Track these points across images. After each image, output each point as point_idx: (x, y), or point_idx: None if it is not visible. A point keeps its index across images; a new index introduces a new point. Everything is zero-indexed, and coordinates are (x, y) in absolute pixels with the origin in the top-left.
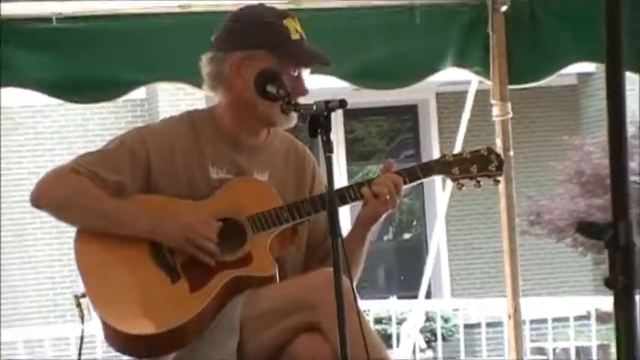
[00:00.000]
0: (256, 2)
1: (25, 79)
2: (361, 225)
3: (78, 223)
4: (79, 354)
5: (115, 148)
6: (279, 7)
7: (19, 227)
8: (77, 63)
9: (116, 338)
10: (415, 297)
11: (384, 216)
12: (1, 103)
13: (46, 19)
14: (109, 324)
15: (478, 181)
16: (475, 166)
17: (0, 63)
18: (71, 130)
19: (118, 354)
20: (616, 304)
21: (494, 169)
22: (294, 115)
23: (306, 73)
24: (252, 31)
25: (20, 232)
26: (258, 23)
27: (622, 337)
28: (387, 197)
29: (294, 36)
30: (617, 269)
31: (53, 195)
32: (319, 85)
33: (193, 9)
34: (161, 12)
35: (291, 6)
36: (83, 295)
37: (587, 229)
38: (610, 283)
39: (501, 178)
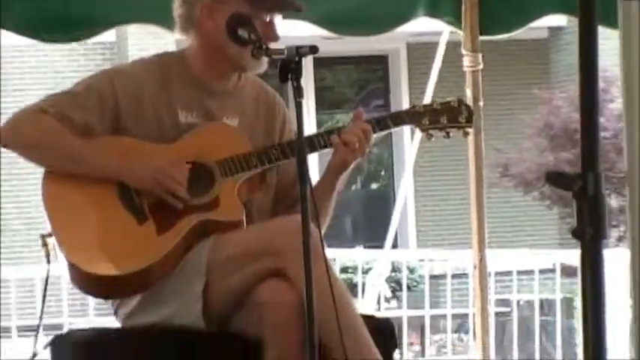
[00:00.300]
0: None
1: None
2: (331, 173)
3: (45, 164)
4: (44, 294)
5: (83, 89)
6: None
7: None
8: (47, 1)
9: (81, 279)
10: (381, 247)
11: (353, 164)
12: None
13: None
14: (75, 264)
15: (447, 132)
16: (445, 116)
17: None
18: (41, 71)
19: (83, 295)
20: (583, 254)
21: (464, 120)
22: (265, 60)
23: (278, 19)
24: None
25: None
26: None
27: (588, 288)
28: (357, 145)
29: None
30: (585, 220)
31: (20, 135)
32: (291, 34)
33: None
34: None
35: None
36: (49, 235)
37: (556, 179)
38: (578, 234)
39: (470, 130)
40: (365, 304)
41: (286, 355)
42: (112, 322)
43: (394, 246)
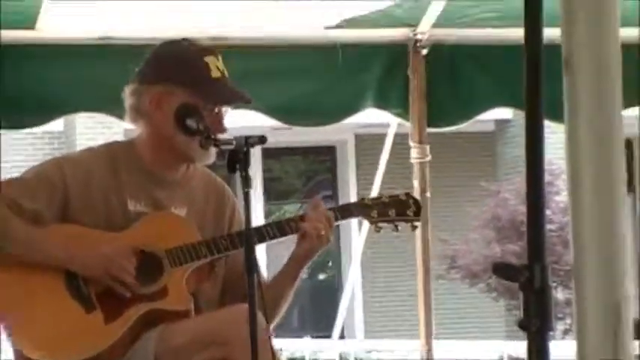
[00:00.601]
0: (180, 37)
1: None
2: (295, 262)
3: None
4: None
5: (32, 177)
6: (203, 42)
7: None
8: (3, 88)
9: None
10: (329, 337)
11: (316, 254)
12: None
13: None
14: (22, 351)
15: (396, 225)
16: (394, 210)
17: None
18: None
19: None
20: (530, 346)
21: (412, 214)
22: (214, 151)
23: (225, 111)
24: (172, 67)
25: None
26: (178, 59)
27: None
28: (323, 232)
29: (215, 74)
30: (532, 312)
31: None
32: (239, 124)
33: (114, 41)
34: (83, 42)
35: (216, 42)
36: None
37: (503, 270)
38: (524, 325)
39: (418, 224)
40: None
41: None
42: None
43: (342, 336)
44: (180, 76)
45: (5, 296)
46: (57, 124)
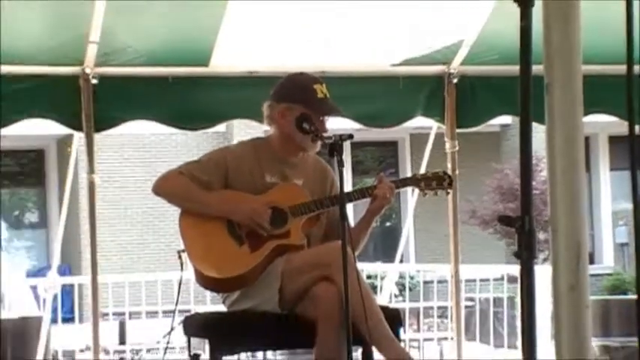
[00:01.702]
0: (299, 71)
1: (152, 115)
2: (370, 214)
3: (182, 206)
4: (179, 290)
5: (206, 160)
6: (313, 74)
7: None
8: (186, 104)
9: (202, 279)
10: (392, 262)
11: (384, 210)
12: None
13: (165, 78)
14: (199, 270)
15: (436, 192)
16: (434, 182)
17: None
18: (179, 149)
19: (203, 290)
20: (521, 268)
21: (447, 185)
22: (319, 143)
23: (327, 119)
24: (293, 91)
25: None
26: (297, 86)
27: (524, 290)
28: (387, 196)
29: (320, 95)
30: (523, 246)
31: (166, 188)
32: (337, 126)
33: (259, 74)
34: (239, 75)
35: (321, 74)
36: (183, 251)
37: (505, 220)
38: (518, 255)
39: (451, 191)
40: (381, 299)
41: (331, 330)
42: (221, 308)
43: (401, 261)
44: (298, 97)
45: (188, 235)
46: (221, 127)
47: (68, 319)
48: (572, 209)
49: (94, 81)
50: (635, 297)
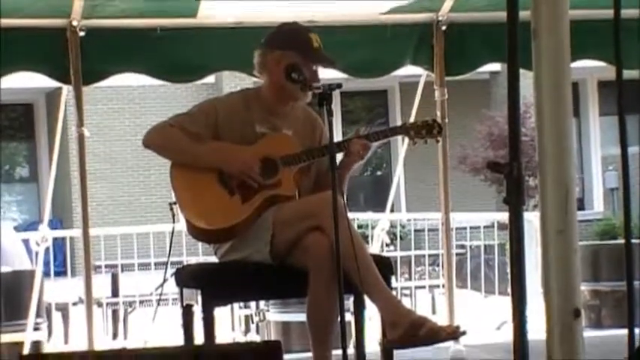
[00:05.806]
0: (293, 21)
1: (140, 68)
2: (343, 169)
3: (172, 159)
4: (171, 241)
5: (195, 111)
6: (306, 24)
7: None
8: (175, 56)
9: (193, 231)
10: (383, 211)
11: (356, 165)
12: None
13: (153, 29)
14: (190, 221)
15: (426, 140)
16: (424, 130)
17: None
18: (168, 102)
19: (195, 241)
20: (511, 215)
21: (436, 132)
22: (309, 94)
23: (319, 69)
24: (288, 39)
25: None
26: (292, 34)
27: (514, 237)
28: (361, 152)
29: (315, 44)
30: (512, 193)
31: (155, 140)
32: (326, 76)
33: (247, 24)
34: (227, 26)
35: (313, 24)
36: (174, 203)
37: (494, 166)
38: (507, 202)
39: (440, 139)
40: (373, 248)
41: (323, 279)
42: (213, 259)
43: (392, 210)
44: (293, 44)
45: (179, 187)
46: (210, 79)
47: (60, 273)
48: (560, 153)
49: (82, 33)
50: (624, 241)
